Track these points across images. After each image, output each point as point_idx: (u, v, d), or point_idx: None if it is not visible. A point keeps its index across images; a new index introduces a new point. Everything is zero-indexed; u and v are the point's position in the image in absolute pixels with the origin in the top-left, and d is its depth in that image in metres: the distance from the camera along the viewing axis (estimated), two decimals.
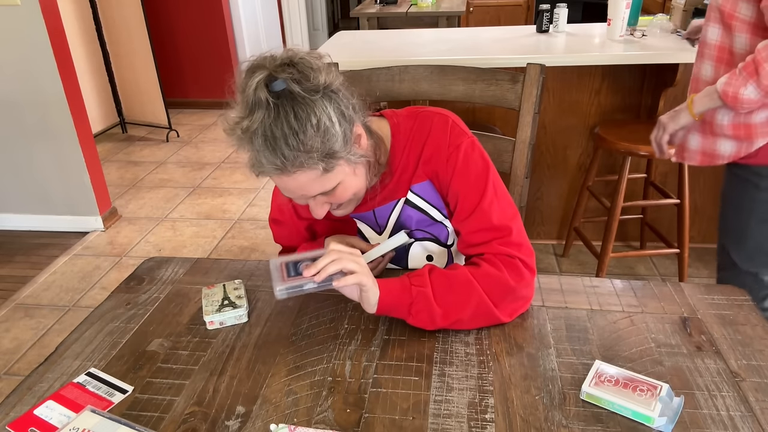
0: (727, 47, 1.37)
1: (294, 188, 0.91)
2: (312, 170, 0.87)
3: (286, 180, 0.89)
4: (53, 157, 2.90)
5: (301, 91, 0.84)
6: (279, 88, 0.83)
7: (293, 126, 0.83)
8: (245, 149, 0.88)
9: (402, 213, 1.09)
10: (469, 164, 1.03)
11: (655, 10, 3.38)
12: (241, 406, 0.82)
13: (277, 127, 0.83)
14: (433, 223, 1.10)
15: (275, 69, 0.84)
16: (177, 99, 4.89)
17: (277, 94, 0.83)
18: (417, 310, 0.93)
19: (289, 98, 0.84)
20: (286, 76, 0.84)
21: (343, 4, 8.37)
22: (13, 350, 2.19)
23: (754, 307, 0.99)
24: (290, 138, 0.83)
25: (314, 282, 0.87)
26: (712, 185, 2.48)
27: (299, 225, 1.18)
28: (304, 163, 0.85)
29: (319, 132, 0.85)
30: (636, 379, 0.81)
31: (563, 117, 2.45)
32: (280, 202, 1.19)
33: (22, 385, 0.88)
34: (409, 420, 0.79)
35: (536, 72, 1.25)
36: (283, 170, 0.86)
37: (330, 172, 0.89)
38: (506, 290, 0.95)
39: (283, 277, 0.89)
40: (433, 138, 1.05)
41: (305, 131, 0.84)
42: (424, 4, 4.24)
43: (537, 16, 2.50)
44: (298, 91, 0.84)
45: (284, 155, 0.84)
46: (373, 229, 1.13)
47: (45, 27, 2.62)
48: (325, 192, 0.93)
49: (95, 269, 2.70)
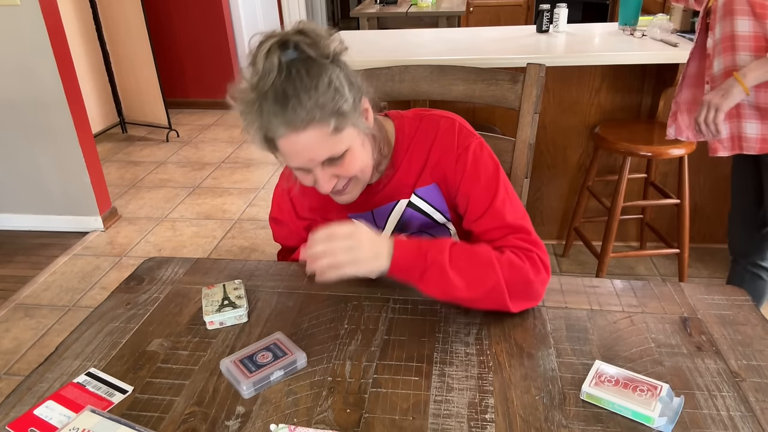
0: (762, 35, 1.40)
1: (302, 149, 0.89)
2: (322, 127, 0.86)
3: (295, 139, 0.87)
4: (53, 157, 2.90)
5: (313, 55, 0.86)
6: (291, 52, 0.85)
7: (305, 83, 0.84)
8: (252, 116, 0.88)
9: (404, 215, 1.09)
10: (479, 165, 1.03)
11: (655, 10, 3.38)
12: (241, 406, 0.82)
13: (289, 85, 0.84)
14: (436, 226, 1.10)
15: (286, 35, 0.86)
16: (177, 99, 4.89)
17: (289, 58, 0.85)
18: (429, 277, 0.91)
19: (301, 61, 0.86)
20: (298, 39, 0.85)
21: (343, 4, 8.37)
22: (13, 350, 2.19)
23: (754, 307, 0.99)
24: (302, 93, 0.84)
25: (280, 369, 0.86)
26: (712, 185, 2.48)
27: (298, 225, 1.18)
28: (316, 117, 0.85)
29: (330, 89, 0.86)
30: (636, 379, 0.81)
31: (563, 117, 2.45)
32: (280, 201, 1.19)
33: (22, 385, 0.88)
34: (409, 420, 0.78)
35: (536, 72, 1.25)
36: (294, 127, 0.85)
37: (339, 134, 0.89)
38: (525, 282, 0.94)
39: (245, 374, 0.85)
40: (440, 141, 1.05)
41: (317, 87, 0.85)
42: (424, 4, 4.25)
43: (537, 16, 2.50)
44: (309, 53, 0.85)
45: (295, 110, 0.84)
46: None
47: (45, 27, 2.62)
48: (333, 159, 0.91)
49: (95, 269, 2.70)
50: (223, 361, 0.88)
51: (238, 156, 3.98)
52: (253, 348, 0.91)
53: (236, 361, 0.88)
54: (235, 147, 4.13)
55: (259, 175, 3.66)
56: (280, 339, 0.92)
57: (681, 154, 2.04)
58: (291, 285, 1.10)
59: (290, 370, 0.88)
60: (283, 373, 0.87)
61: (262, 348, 0.91)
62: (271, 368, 0.86)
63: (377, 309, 1.01)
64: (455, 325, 0.97)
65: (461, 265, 0.92)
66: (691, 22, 2.25)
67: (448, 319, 0.98)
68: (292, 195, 1.16)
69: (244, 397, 0.84)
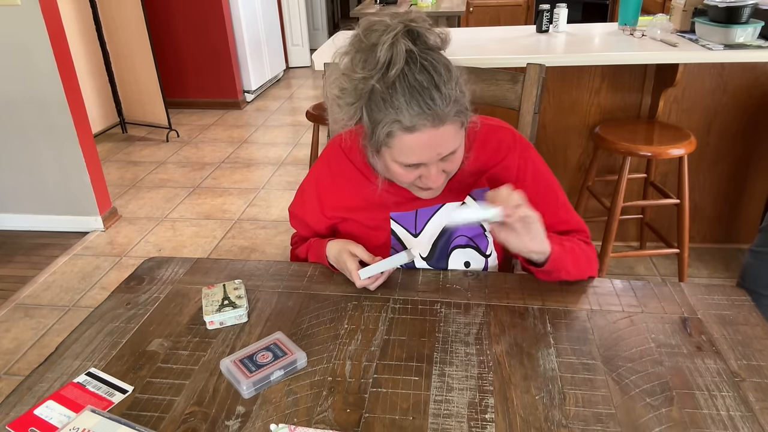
0: None
1: (435, 143, 0.87)
2: (456, 121, 0.86)
3: (433, 133, 0.85)
4: (53, 157, 2.90)
5: (435, 45, 0.84)
6: (418, 42, 0.83)
7: (443, 76, 0.83)
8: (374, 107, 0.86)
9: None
10: (538, 173, 1.10)
11: (655, 10, 3.38)
12: (241, 406, 0.82)
13: (425, 77, 0.82)
14: (479, 232, 1.10)
15: (407, 23, 0.83)
16: (177, 99, 4.89)
17: (416, 48, 0.83)
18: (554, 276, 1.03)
19: (427, 51, 0.83)
20: (420, 27, 0.83)
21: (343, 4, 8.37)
22: (13, 350, 2.19)
23: (754, 307, 0.99)
24: (441, 86, 0.82)
25: (280, 369, 0.86)
26: (712, 185, 2.49)
27: (321, 223, 1.17)
28: (453, 111, 0.84)
29: (458, 83, 0.85)
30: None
31: (563, 117, 2.45)
32: (306, 197, 1.18)
33: (22, 385, 0.88)
34: (409, 420, 0.79)
35: (536, 72, 1.25)
36: (437, 120, 0.83)
37: (462, 129, 0.88)
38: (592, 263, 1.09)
39: (246, 374, 0.85)
40: (500, 152, 1.08)
41: (448, 81, 0.83)
42: (424, 4, 4.24)
43: (537, 16, 2.50)
44: (433, 43, 0.84)
45: (436, 103, 0.82)
46: (408, 230, 1.11)
47: (45, 27, 2.62)
48: (450, 153, 0.90)
49: (95, 269, 2.70)
50: (223, 361, 0.88)
51: (238, 156, 3.98)
52: (253, 348, 0.91)
53: (236, 361, 0.88)
54: (235, 147, 4.13)
55: (259, 175, 3.66)
56: (280, 339, 0.92)
57: (681, 154, 2.04)
58: (291, 285, 1.10)
59: (290, 370, 0.88)
60: (283, 373, 0.87)
61: (262, 348, 0.91)
62: (271, 368, 0.86)
63: (377, 309, 1.01)
64: (455, 325, 0.97)
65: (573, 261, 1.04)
66: (691, 22, 2.24)
67: (448, 319, 0.98)
68: (322, 192, 1.15)
69: (244, 397, 0.84)
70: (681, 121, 2.36)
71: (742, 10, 2.00)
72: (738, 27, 2.01)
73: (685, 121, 2.36)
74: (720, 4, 2.04)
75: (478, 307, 1.01)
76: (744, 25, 2.02)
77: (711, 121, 2.37)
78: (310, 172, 1.19)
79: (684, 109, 2.36)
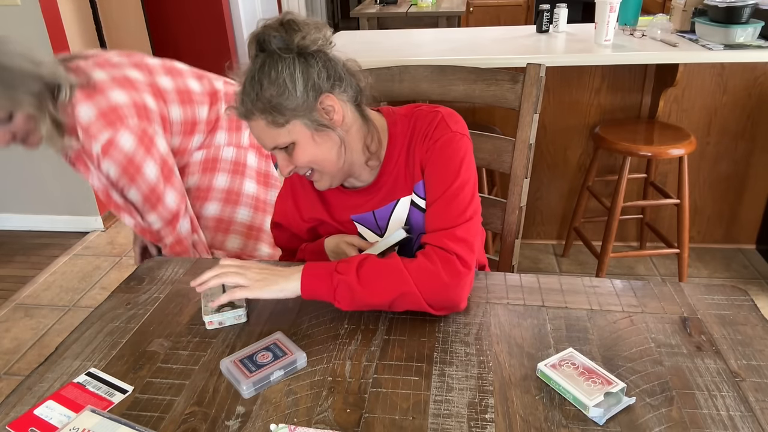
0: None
1: (256, 134, 0.97)
2: (259, 119, 0.93)
3: (251, 124, 0.96)
4: (53, 157, 2.88)
5: (276, 49, 0.91)
6: (263, 46, 0.93)
7: (258, 77, 0.92)
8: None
9: (410, 216, 1.09)
10: (444, 155, 1.03)
11: (655, 10, 3.38)
12: (241, 406, 0.82)
13: (248, 77, 0.93)
14: None
15: (266, 28, 0.92)
16: None
17: (259, 51, 0.93)
18: (341, 296, 0.95)
19: (267, 54, 0.92)
20: (271, 32, 0.92)
21: (343, 4, 8.37)
22: (13, 350, 2.19)
23: (754, 307, 0.99)
24: (252, 87, 0.92)
25: (280, 369, 0.86)
26: (712, 185, 2.49)
27: (302, 227, 1.18)
28: (256, 109, 0.92)
29: (275, 85, 0.91)
30: (598, 372, 0.82)
31: (563, 117, 2.45)
32: (283, 205, 1.20)
33: (22, 385, 0.88)
34: (409, 420, 0.79)
35: (536, 72, 1.25)
36: (242, 116, 0.95)
37: (279, 128, 0.94)
38: (439, 285, 0.93)
39: (246, 374, 0.85)
40: (419, 132, 1.05)
41: (261, 83, 0.91)
42: (424, 4, 4.24)
43: (537, 16, 2.50)
44: (273, 48, 0.92)
45: (243, 101, 0.94)
46: (373, 231, 1.12)
47: (45, 27, 2.62)
48: (283, 148, 0.97)
49: (95, 269, 2.70)
50: (223, 361, 0.89)
51: None
52: (253, 348, 0.91)
53: (236, 361, 0.88)
54: None
55: None
56: (280, 339, 0.92)
57: (681, 154, 2.04)
58: None
59: (290, 370, 0.88)
60: (283, 373, 0.87)
61: (262, 348, 0.91)
62: (271, 368, 0.86)
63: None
64: (455, 325, 0.97)
65: (369, 279, 0.94)
66: (691, 22, 2.24)
67: (448, 319, 0.98)
68: (296, 197, 1.17)
69: (244, 397, 0.84)
70: (681, 121, 2.36)
71: (742, 10, 2.00)
72: (738, 27, 2.01)
73: (685, 121, 2.36)
74: (720, 4, 2.04)
75: (478, 307, 1.01)
76: (744, 25, 2.02)
77: (711, 121, 2.37)
78: (285, 181, 1.20)
79: (684, 109, 2.36)
